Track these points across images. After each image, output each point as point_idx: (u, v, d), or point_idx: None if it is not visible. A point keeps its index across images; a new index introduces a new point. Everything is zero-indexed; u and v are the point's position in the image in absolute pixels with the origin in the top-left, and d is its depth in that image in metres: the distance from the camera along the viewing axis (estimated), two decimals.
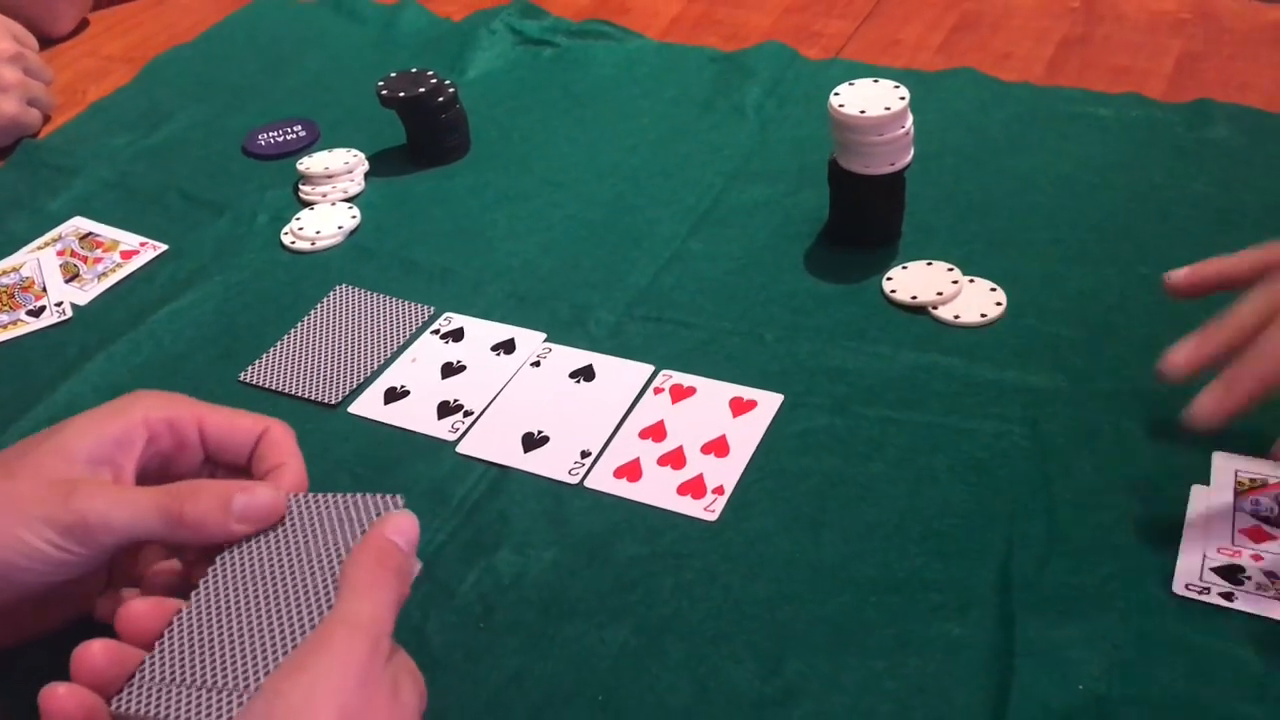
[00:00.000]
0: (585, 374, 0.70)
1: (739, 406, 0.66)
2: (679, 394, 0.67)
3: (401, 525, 0.49)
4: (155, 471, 0.54)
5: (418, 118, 0.89)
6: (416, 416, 0.68)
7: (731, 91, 0.95)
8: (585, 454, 0.64)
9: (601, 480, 0.63)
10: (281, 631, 0.46)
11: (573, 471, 0.63)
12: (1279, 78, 0.90)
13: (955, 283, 0.72)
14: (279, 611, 0.47)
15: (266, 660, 0.45)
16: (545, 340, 0.72)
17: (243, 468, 0.56)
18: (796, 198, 0.82)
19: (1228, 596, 0.53)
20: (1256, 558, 0.55)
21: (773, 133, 0.90)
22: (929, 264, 0.74)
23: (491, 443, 0.66)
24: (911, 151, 0.74)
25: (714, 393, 0.67)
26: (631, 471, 0.63)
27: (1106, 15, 1.01)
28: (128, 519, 0.49)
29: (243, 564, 0.49)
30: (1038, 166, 0.83)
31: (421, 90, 0.88)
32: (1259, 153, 0.82)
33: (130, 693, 0.46)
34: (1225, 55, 0.94)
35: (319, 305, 0.77)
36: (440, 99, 0.89)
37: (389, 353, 0.73)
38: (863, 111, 0.71)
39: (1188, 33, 0.97)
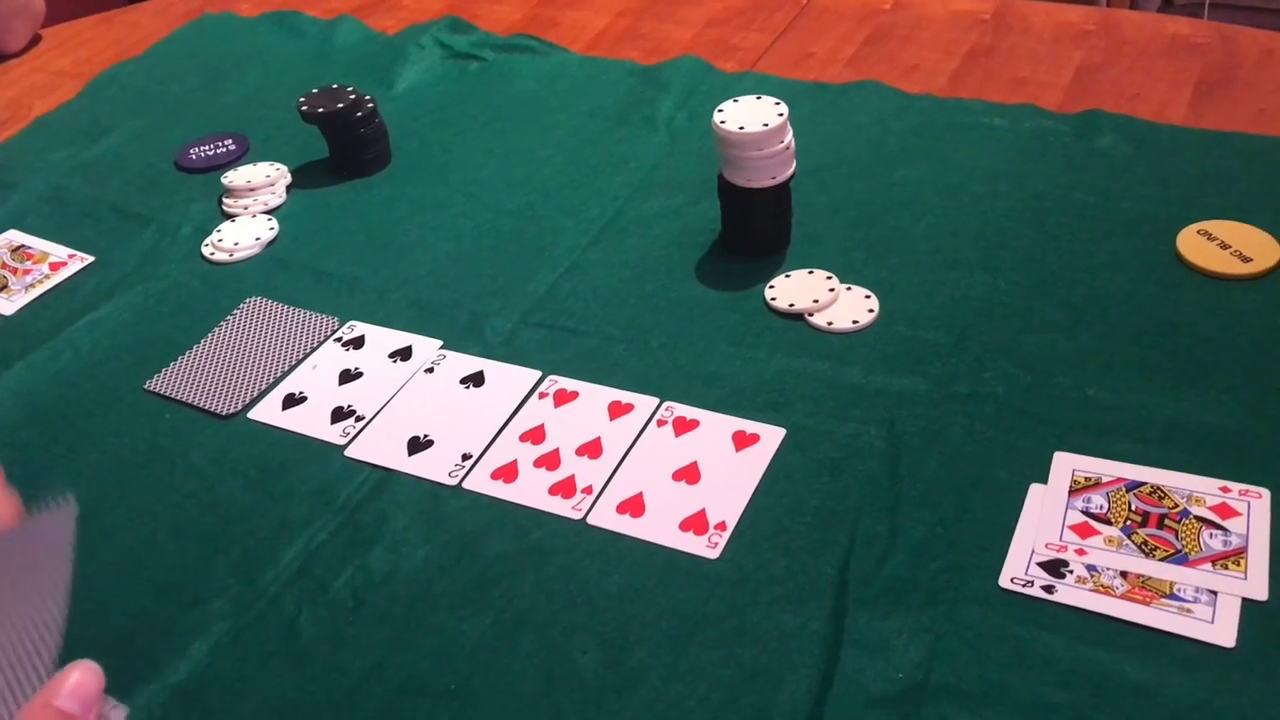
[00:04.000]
0: (475, 380, 0.73)
1: (616, 410, 0.69)
2: (563, 399, 0.71)
3: (74, 685, 0.44)
4: None
5: (337, 132, 0.93)
6: (311, 421, 0.71)
7: (645, 104, 0.98)
8: (466, 456, 0.67)
9: (479, 482, 0.66)
10: None
11: (452, 474, 0.66)
12: (1170, 89, 0.93)
13: (832, 290, 0.75)
14: None
15: None
16: (441, 347, 0.76)
17: None
18: (696, 208, 0.86)
19: (1049, 589, 0.56)
20: (1081, 552, 0.58)
21: (680, 145, 0.93)
22: (810, 272, 0.77)
23: (378, 446, 0.69)
24: (793, 165, 0.77)
25: (595, 397, 0.70)
26: (508, 473, 0.66)
27: (1015, 27, 1.04)
28: None
29: None
30: (928, 177, 0.86)
31: (340, 105, 0.91)
32: (1141, 162, 0.85)
33: None
34: (1123, 67, 0.97)
35: (230, 317, 0.80)
36: (359, 114, 0.92)
37: (293, 362, 0.76)
38: (742, 128, 0.74)
39: (1090, 44, 1.00)
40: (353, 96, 0.92)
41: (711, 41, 1.07)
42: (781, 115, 0.74)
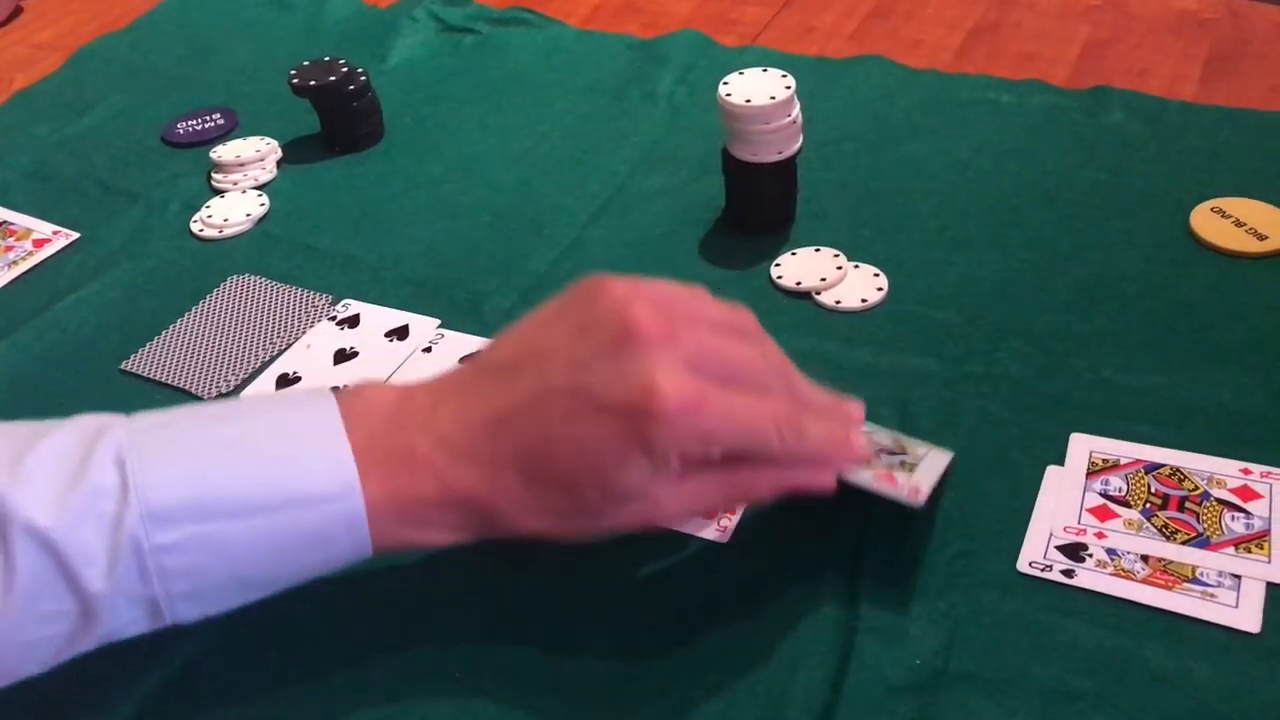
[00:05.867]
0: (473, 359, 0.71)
1: None
2: None
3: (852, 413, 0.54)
4: None
5: (329, 106, 0.91)
6: None
7: (644, 79, 0.96)
8: None
9: None
10: None
11: None
12: (1180, 64, 0.92)
13: (840, 268, 0.73)
14: None
15: None
16: (439, 326, 0.74)
17: None
18: (698, 184, 0.84)
19: (1068, 574, 0.55)
20: (1100, 535, 0.56)
21: (681, 120, 0.91)
22: (817, 250, 0.75)
23: None
24: (800, 140, 0.75)
25: None
26: None
27: (1020, 1, 1.02)
28: None
29: None
30: (934, 153, 0.84)
31: (332, 79, 0.89)
32: (1151, 139, 0.83)
33: None
34: (1131, 42, 0.95)
35: (210, 294, 0.78)
36: (351, 87, 0.90)
37: (283, 342, 0.74)
38: (748, 101, 0.72)
39: (1096, 19, 0.99)
40: (345, 70, 0.90)
41: (711, 15, 1.05)
42: (789, 88, 0.73)
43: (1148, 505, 0.57)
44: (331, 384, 0.70)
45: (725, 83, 0.74)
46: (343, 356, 0.72)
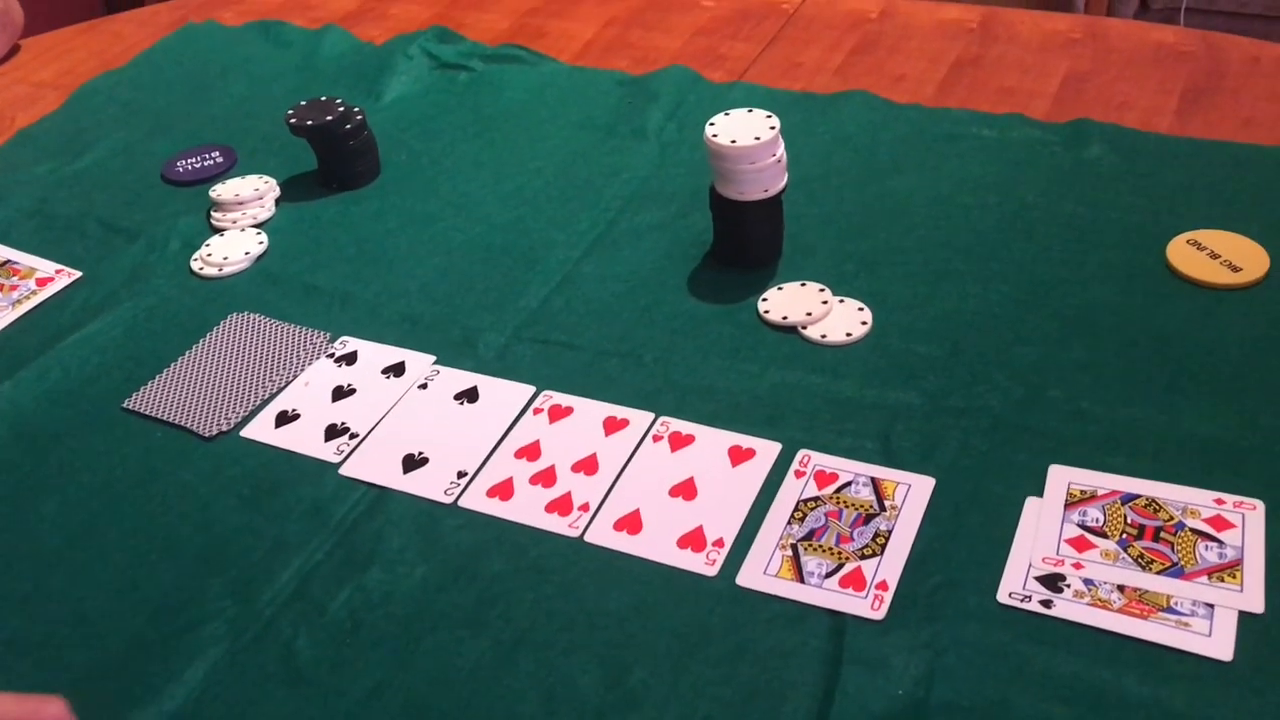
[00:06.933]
0: (469, 396, 0.72)
1: (611, 425, 0.69)
2: (557, 414, 0.70)
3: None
4: None
5: (326, 145, 0.92)
6: (304, 439, 0.71)
7: (634, 115, 0.98)
8: (462, 474, 0.67)
9: (475, 500, 0.66)
10: None
11: (448, 491, 0.66)
12: (1157, 97, 0.94)
13: (825, 303, 0.75)
14: None
15: None
16: (435, 363, 0.75)
17: None
18: (688, 220, 0.86)
19: (1047, 604, 0.56)
20: (1078, 566, 0.58)
21: (671, 156, 0.93)
22: (803, 285, 0.77)
23: (373, 464, 0.68)
24: (785, 178, 0.77)
25: (589, 413, 0.70)
26: (504, 490, 0.66)
27: (1001, 35, 1.05)
28: None
29: None
30: (918, 187, 0.86)
31: (329, 118, 0.91)
32: (1129, 172, 0.85)
33: None
34: (1110, 75, 0.97)
35: (210, 333, 0.80)
36: (348, 126, 0.92)
37: (282, 379, 0.75)
38: (734, 141, 0.74)
39: (1076, 53, 1.01)
40: (341, 109, 0.92)
41: (700, 51, 1.07)
42: (773, 128, 0.74)
43: (1124, 536, 0.59)
44: (329, 421, 0.71)
45: (711, 123, 0.76)
46: (340, 394, 0.74)
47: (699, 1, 1.16)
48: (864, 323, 0.74)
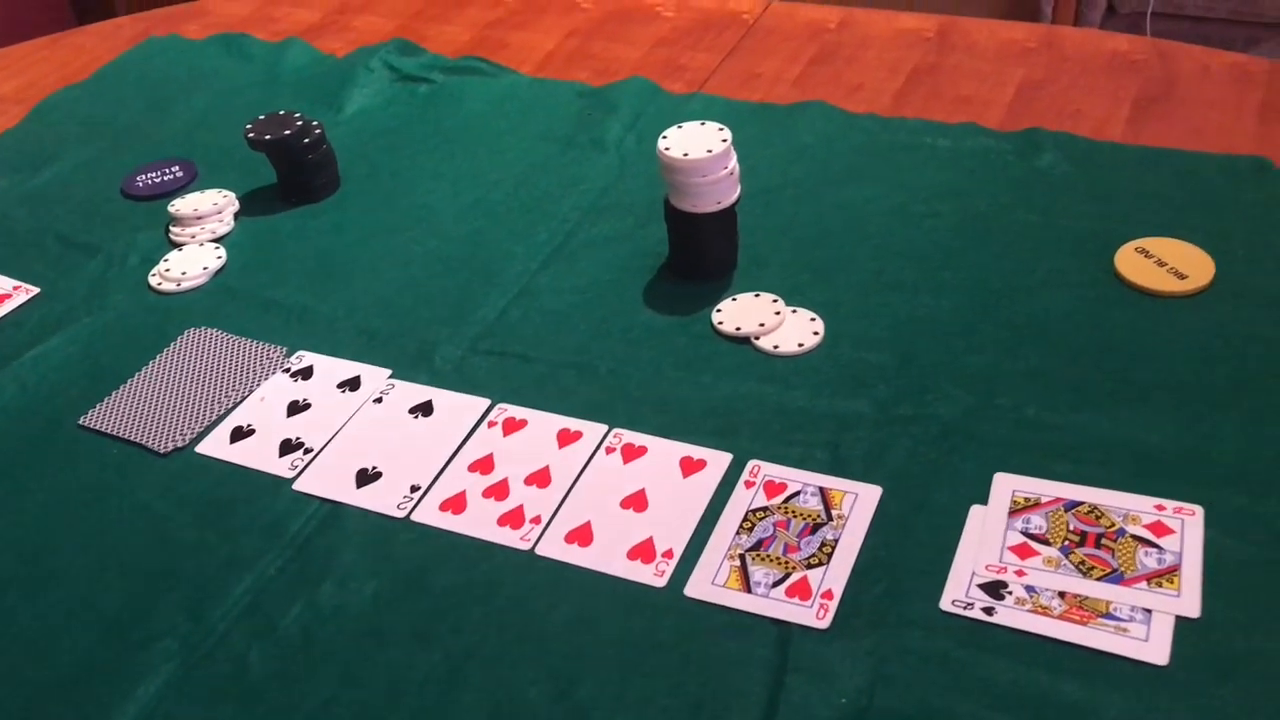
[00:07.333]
0: (424, 409, 0.73)
1: (565, 438, 0.70)
2: (511, 427, 0.71)
3: None
4: None
5: (285, 159, 0.93)
6: (259, 455, 0.71)
7: (594, 126, 0.99)
8: (415, 488, 0.67)
9: (428, 513, 0.66)
10: None
11: (401, 506, 0.66)
12: (1109, 105, 0.95)
13: (778, 314, 0.76)
14: None
15: None
16: (390, 376, 0.76)
17: None
18: (645, 231, 0.86)
19: (989, 611, 0.57)
20: (1020, 573, 0.59)
21: (629, 167, 0.94)
22: (757, 296, 0.78)
23: (327, 479, 0.69)
24: (738, 190, 0.78)
25: (544, 425, 0.71)
26: (456, 504, 0.66)
27: (959, 44, 1.06)
28: None
29: None
30: (872, 197, 0.87)
31: (287, 132, 0.91)
32: (1081, 180, 0.86)
33: None
34: (1064, 83, 0.98)
35: (166, 349, 0.80)
36: (306, 140, 0.92)
37: (238, 395, 0.76)
38: (686, 154, 0.75)
39: (1032, 61, 1.02)
40: (299, 123, 0.92)
41: (660, 62, 1.08)
42: (725, 141, 0.75)
43: (1066, 542, 0.60)
44: (284, 436, 0.72)
45: (664, 136, 0.77)
46: (296, 408, 0.74)
47: (660, 12, 1.17)
48: (816, 333, 0.74)
